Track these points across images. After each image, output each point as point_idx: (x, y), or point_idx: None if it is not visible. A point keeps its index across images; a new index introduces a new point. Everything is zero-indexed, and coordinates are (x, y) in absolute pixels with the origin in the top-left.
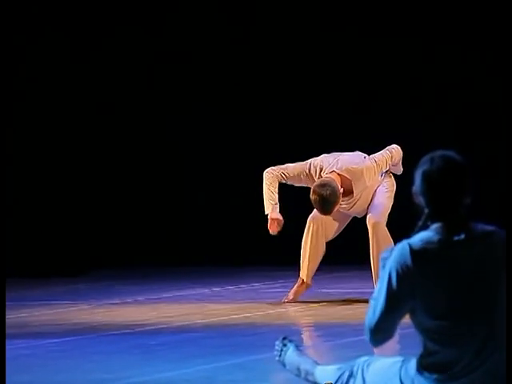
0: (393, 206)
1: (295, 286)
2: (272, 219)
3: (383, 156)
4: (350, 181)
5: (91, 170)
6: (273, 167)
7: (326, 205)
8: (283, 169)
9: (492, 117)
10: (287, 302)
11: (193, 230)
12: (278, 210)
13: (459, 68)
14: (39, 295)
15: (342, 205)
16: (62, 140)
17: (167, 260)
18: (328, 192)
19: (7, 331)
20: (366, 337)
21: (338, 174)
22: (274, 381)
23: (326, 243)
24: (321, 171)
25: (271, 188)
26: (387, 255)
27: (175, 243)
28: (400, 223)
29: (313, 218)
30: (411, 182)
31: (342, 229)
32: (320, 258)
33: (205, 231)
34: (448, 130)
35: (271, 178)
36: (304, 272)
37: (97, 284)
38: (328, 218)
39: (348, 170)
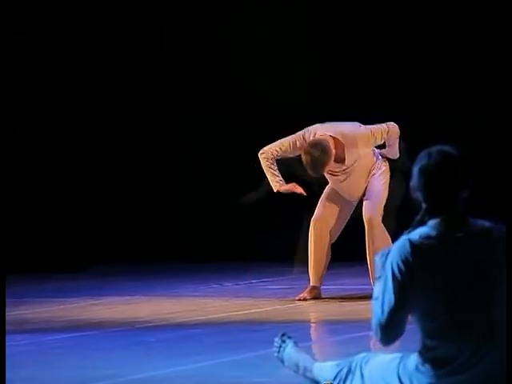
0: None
1: (308, 292)
2: (287, 189)
3: (379, 128)
4: (343, 145)
5: (91, 165)
6: (264, 148)
7: (317, 165)
8: (274, 145)
9: (492, 111)
10: (301, 300)
11: (192, 226)
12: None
13: (458, 68)
14: (39, 292)
15: (338, 174)
16: (62, 137)
17: (167, 256)
18: (319, 152)
19: (7, 327)
20: (377, 337)
21: (333, 138)
22: (272, 377)
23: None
24: (315, 136)
25: (271, 167)
26: (381, 258)
27: (175, 239)
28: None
29: (315, 219)
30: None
31: (344, 224)
32: (328, 259)
33: (204, 228)
34: (445, 126)
35: (265, 159)
36: (313, 277)
37: (97, 280)
38: (331, 216)
39: (342, 134)
